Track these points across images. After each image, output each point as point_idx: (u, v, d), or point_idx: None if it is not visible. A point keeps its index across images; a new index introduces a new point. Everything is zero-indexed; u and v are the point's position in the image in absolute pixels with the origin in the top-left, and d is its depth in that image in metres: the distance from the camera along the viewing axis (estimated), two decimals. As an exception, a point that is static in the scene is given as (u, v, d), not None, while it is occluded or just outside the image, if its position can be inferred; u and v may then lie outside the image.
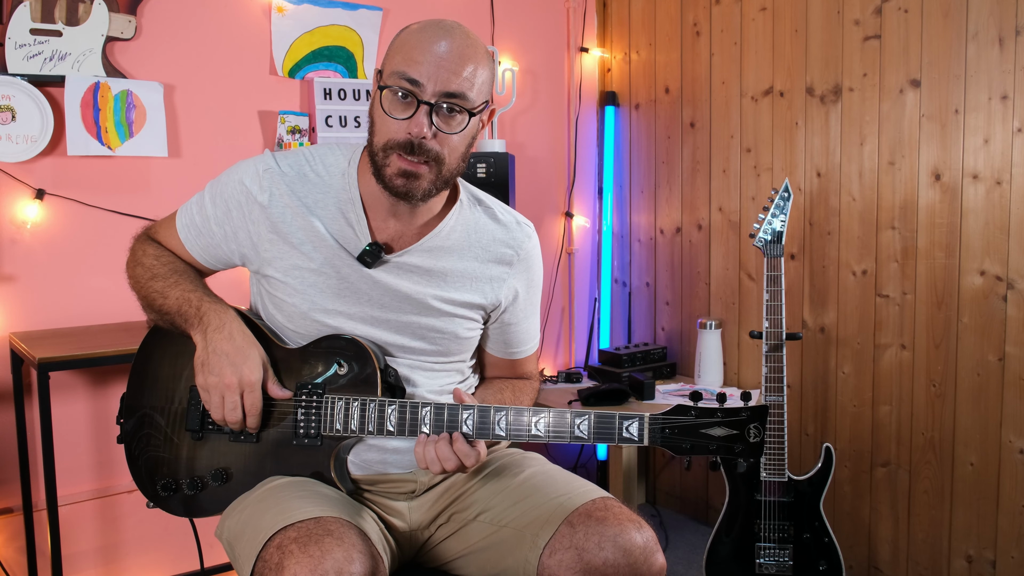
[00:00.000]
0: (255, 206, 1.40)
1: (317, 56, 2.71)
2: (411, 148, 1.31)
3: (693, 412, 1.25)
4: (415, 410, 1.31)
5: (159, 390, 1.45)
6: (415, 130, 1.29)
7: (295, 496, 1.29)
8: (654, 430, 1.25)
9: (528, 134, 3.24)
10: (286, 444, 1.38)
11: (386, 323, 1.42)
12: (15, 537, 2.34)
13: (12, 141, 2.22)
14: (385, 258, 1.41)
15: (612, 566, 1.28)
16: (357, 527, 1.24)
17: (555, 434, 1.28)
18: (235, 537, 1.31)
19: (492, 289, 1.49)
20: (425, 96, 1.29)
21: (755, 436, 1.23)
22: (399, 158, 1.32)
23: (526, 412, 1.29)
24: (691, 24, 3.01)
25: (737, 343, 2.93)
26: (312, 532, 1.18)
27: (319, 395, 1.36)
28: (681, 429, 1.24)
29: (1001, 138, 2.22)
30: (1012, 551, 2.26)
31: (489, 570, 1.40)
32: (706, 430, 1.24)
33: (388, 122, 1.32)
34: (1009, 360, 2.23)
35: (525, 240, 1.53)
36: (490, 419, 1.29)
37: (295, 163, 1.42)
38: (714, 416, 1.24)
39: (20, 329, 2.30)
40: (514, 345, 1.59)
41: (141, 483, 1.44)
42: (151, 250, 1.49)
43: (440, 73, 1.29)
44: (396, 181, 1.33)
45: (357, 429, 1.33)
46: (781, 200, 2.37)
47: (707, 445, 1.24)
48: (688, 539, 2.97)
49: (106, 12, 2.33)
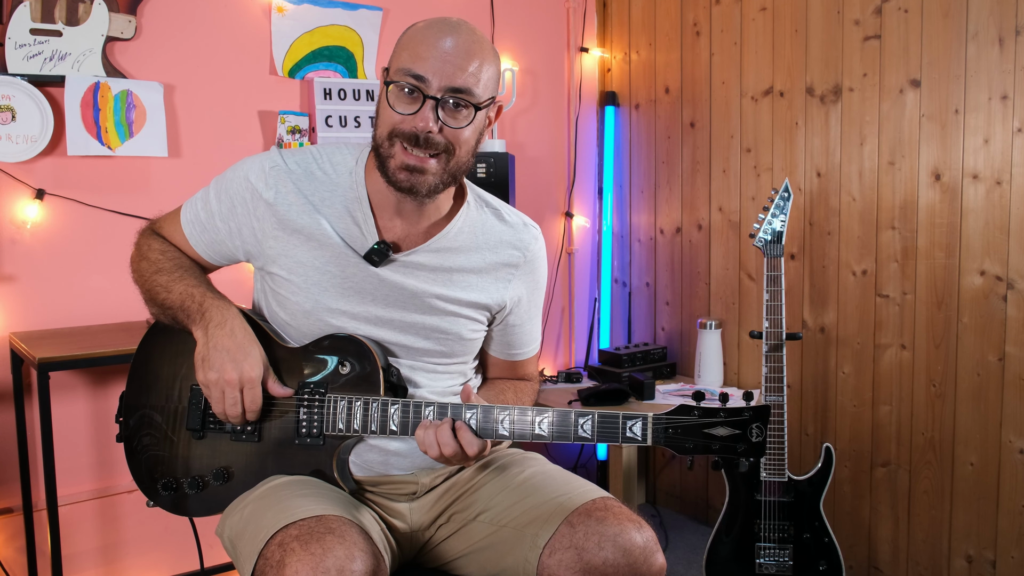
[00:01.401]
0: (260, 203, 1.39)
1: (317, 56, 2.71)
2: (416, 140, 1.31)
3: (696, 412, 1.25)
4: (418, 409, 1.31)
5: (159, 389, 1.45)
6: (420, 124, 1.30)
7: (297, 494, 1.29)
8: (657, 430, 1.25)
9: (528, 134, 3.24)
10: (288, 443, 1.37)
11: (390, 323, 1.42)
12: (15, 537, 2.34)
13: (12, 141, 2.22)
14: (392, 257, 1.40)
15: (612, 566, 1.28)
16: (359, 525, 1.24)
17: (559, 434, 1.28)
18: (236, 535, 1.31)
19: (498, 290, 1.49)
20: (431, 91, 1.30)
21: (757, 436, 1.24)
22: (403, 151, 1.32)
23: (530, 412, 1.28)
24: (691, 24, 3.01)
25: (737, 343, 2.93)
26: (314, 530, 1.18)
27: (321, 394, 1.35)
28: (684, 429, 1.25)
29: (1001, 138, 2.22)
30: (1012, 551, 2.26)
31: (489, 570, 1.40)
32: (709, 430, 1.24)
33: (393, 115, 1.32)
34: (1009, 360, 2.23)
35: (532, 242, 1.53)
36: (494, 418, 1.29)
37: (302, 161, 1.42)
38: (717, 416, 1.24)
39: (20, 329, 2.30)
40: (516, 347, 1.59)
41: (141, 482, 1.44)
42: (156, 244, 1.49)
43: (446, 68, 1.29)
44: (400, 175, 1.33)
45: (360, 429, 1.33)
46: (781, 200, 2.37)
47: (710, 445, 1.24)
48: (688, 539, 2.97)
49: (106, 12, 2.33)
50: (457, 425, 1.29)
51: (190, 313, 1.38)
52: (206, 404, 1.41)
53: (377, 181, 1.39)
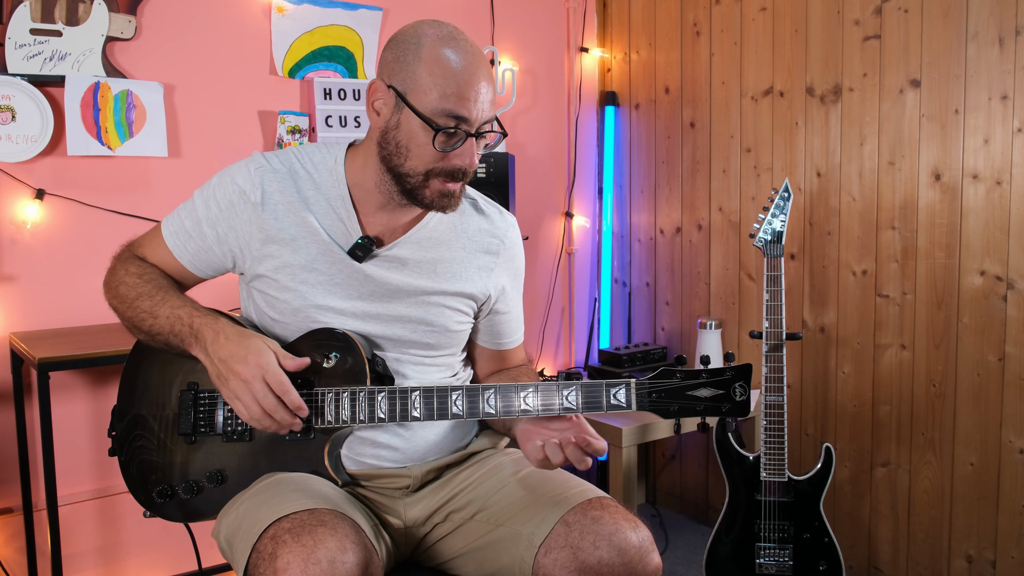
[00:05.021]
0: (247, 206, 1.40)
1: (317, 56, 2.71)
2: (458, 175, 1.36)
3: (679, 375, 1.26)
4: (404, 396, 1.32)
5: (150, 397, 1.45)
6: (468, 162, 1.34)
7: (290, 490, 1.30)
8: (641, 394, 1.26)
9: (528, 134, 3.24)
10: (279, 440, 1.38)
11: (377, 317, 1.43)
12: (15, 537, 2.34)
13: (12, 141, 2.22)
14: (375, 252, 1.42)
15: (607, 565, 1.28)
16: (351, 518, 1.25)
17: (544, 407, 1.29)
18: (232, 533, 1.31)
19: (481, 279, 1.51)
20: (473, 129, 1.33)
21: (741, 395, 1.25)
22: (443, 183, 1.36)
23: (513, 389, 1.30)
24: (691, 24, 3.01)
25: (737, 343, 2.93)
26: (306, 523, 1.19)
27: (309, 389, 1.36)
28: (668, 392, 1.26)
29: (1001, 138, 2.22)
30: (1012, 551, 2.26)
31: (486, 569, 1.40)
32: (692, 392, 1.25)
33: (436, 154, 1.34)
34: (1009, 360, 2.23)
35: (509, 229, 1.57)
36: (479, 398, 1.30)
37: (285, 160, 1.44)
38: (699, 377, 1.26)
39: (20, 329, 2.30)
40: (503, 336, 1.60)
41: (136, 492, 1.44)
42: (133, 268, 1.46)
43: (483, 106, 1.33)
44: (441, 202, 1.38)
45: (348, 419, 1.34)
46: (781, 200, 2.37)
47: (694, 407, 1.26)
48: (688, 539, 2.96)
49: (106, 12, 2.33)
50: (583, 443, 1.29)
51: (183, 337, 1.36)
52: (196, 408, 1.41)
53: (359, 178, 1.41)
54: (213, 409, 1.41)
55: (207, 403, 1.42)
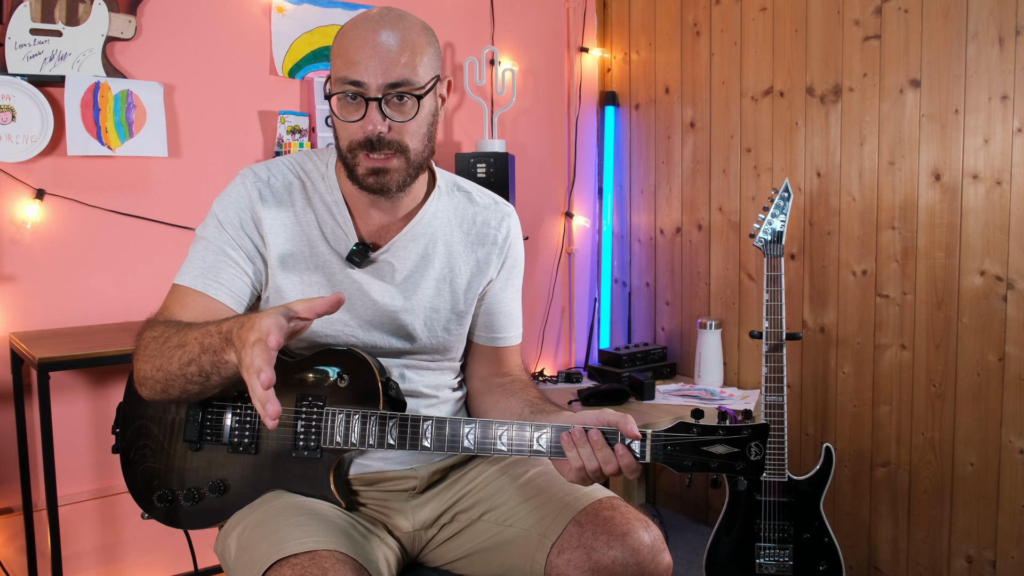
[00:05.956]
0: (251, 224, 1.40)
1: (317, 56, 2.71)
2: (372, 145, 1.32)
3: (695, 430, 1.24)
4: (416, 424, 1.31)
5: (158, 401, 1.44)
6: (370, 128, 1.31)
7: (292, 523, 1.27)
8: (656, 447, 1.25)
9: (528, 134, 3.24)
10: (285, 456, 1.36)
11: (380, 326, 1.43)
12: (15, 537, 2.34)
13: (12, 141, 2.22)
14: (372, 256, 1.42)
15: (621, 565, 1.29)
16: (353, 559, 1.22)
17: (557, 450, 1.26)
18: (233, 561, 1.30)
19: (479, 271, 1.51)
20: (371, 93, 1.30)
21: (756, 454, 1.23)
22: (366, 157, 1.33)
23: (528, 427, 1.27)
24: (691, 24, 3.01)
25: (737, 343, 2.93)
26: (307, 571, 1.16)
27: (319, 407, 1.35)
28: (683, 446, 1.24)
29: (1001, 138, 2.21)
30: (1012, 551, 2.26)
31: (495, 569, 1.40)
32: (707, 447, 1.24)
33: (345, 125, 1.33)
34: (1009, 360, 2.23)
35: (506, 218, 1.55)
36: (492, 434, 1.28)
37: (278, 171, 1.43)
38: (716, 434, 1.24)
39: (20, 329, 2.30)
40: (499, 331, 1.58)
41: (137, 493, 1.43)
42: (150, 332, 1.33)
43: (379, 66, 1.29)
44: (369, 180, 1.35)
45: (357, 442, 1.32)
46: (781, 200, 2.37)
47: (708, 463, 1.24)
48: (688, 539, 2.97)
49: (106, 12, 2.33)
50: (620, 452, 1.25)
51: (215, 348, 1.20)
52: (203, 416, 1.39)
53: (348, 182, 1.41)
54: (220, 418, 1.40)
55: (215, 411, 1.40)
